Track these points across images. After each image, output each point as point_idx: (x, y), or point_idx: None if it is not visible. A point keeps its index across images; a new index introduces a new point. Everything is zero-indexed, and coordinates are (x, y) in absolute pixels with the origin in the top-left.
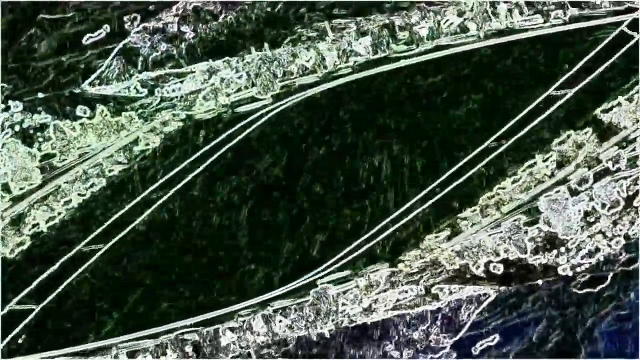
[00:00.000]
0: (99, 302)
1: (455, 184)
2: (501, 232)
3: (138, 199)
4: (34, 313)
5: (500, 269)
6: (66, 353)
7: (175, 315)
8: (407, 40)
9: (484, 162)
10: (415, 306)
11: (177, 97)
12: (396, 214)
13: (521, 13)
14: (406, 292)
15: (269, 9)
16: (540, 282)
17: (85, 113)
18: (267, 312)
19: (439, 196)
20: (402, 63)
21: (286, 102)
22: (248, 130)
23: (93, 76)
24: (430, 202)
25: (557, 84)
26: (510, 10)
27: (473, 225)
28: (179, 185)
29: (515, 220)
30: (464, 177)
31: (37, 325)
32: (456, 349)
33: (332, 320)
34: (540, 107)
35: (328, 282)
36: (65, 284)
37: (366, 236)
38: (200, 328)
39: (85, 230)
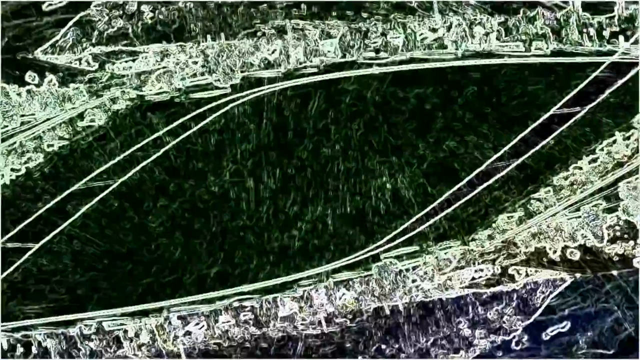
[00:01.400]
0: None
1: (521, 158)
2: (580, 216)
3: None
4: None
5: (576, 255)
6: (113, 314)
7: (229, 282)
8: (379, 47)
9: (554, 134)
10: (491, 286)
11: (127, 75)
12: (455, 188)
13: (498, 38)
14: (482, 270)
15: (229, 0)
16: (615, 272)
17: (33, 80)
18: (328, 284)
19: (506, 171)
20: (376, 70)
21: (249, 94)
22: (214, 116)
23: (47, 44)
24: (497, 176)
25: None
26: (487, 34)
27: (547, 208)
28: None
29: (595, 206)
30: (532, 151)
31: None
32: (527, 332)
33: (406, 294)
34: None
35: (393, 257)
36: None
37: (428, 209)
38: (258, 296)
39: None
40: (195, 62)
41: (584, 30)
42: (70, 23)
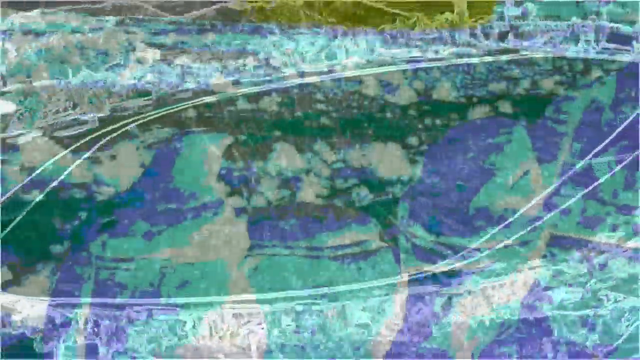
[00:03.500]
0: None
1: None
2: None
3: None
4: None
5: None
6: (166, 302)
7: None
8: (261, 64)
9: None
10: (579, 309)
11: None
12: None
13: (382, 46)
14: (573, 292)
15: (90, 35)
16: None
17: None
18: (403, 296)
19: (601, 180)
20: (264, 87)
21: (121, 125)
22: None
23: None
24: (588, 188)
25: None
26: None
27: None
28: None
29: None
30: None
31: None
32: (608, 358)
33: (490, 312)
34: None
35: (478, 274)
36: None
37: (512, 217)
38: (321, 301)
39: None
40: (59, 99)
41: (474, 31)
42: None
